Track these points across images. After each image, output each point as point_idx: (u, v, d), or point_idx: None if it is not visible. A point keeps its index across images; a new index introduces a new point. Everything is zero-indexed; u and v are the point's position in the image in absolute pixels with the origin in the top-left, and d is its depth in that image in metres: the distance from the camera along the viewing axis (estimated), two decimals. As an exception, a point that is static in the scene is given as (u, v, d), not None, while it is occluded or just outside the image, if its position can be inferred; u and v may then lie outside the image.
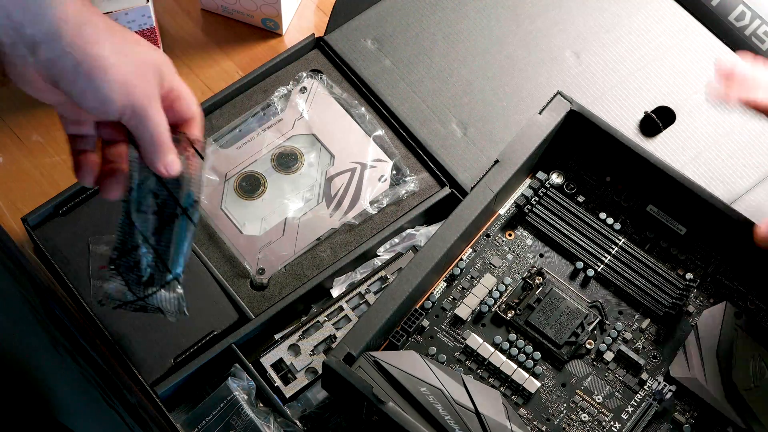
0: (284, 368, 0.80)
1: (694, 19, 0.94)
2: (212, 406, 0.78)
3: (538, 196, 0.85)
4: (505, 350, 0.80)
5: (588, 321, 0.80)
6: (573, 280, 0.82)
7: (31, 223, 0.85)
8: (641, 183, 0.83)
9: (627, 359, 0.80)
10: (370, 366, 0.74)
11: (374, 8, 0.94)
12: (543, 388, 0.79)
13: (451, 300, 0.82)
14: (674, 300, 0.81)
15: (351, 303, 0.83)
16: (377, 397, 0.71)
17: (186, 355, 0.80)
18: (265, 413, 0.78)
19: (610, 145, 0.83)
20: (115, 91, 0.60)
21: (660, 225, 0.83)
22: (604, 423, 0.77)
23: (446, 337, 0.80)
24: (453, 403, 0.72)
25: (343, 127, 0.88)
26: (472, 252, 0.83)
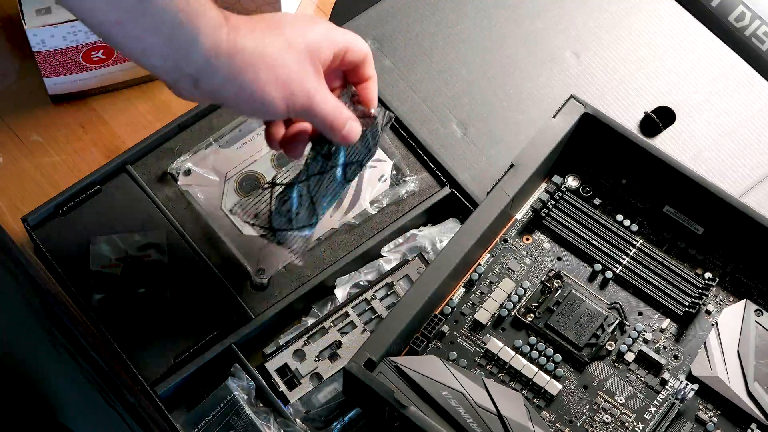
0: (289, 373, 0.76)
1: (694, 19, 0.87)
2: (212, 406, 0.74)
3: (554, 200, 0.79)
4: (526, 353, 0.75)
5: (608, 322, 0.75)
6: (591, 282, 0.78)
7: (31, 223, 0.81)
8: (657, 184, 0.78)
9: (648, 359, 0.74)
10: (391, 371, 0.70)
11: (374, 8, 0.87)
12: (565, 390, 0.74)
13: (471, 305, 0.77)
14: (694, 299, 0.76)
15: (357, 309, 0.78)
16: (399, 402, 0.67)
17: (186, 355, 0.76)
18: (265, 413, 0.74)
19: (625, 147, 0.78)
20: (277, 103, 0.64)
21: (677, 225, 0.78)
22: (627, 423, 0.72)
23: (466, 342, 0.76)
24: (475, 406, 0.69)
25: None
26: (489, 257, 0.79)
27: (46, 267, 0.81)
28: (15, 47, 0.87)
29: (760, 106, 0.83)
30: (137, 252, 0.78)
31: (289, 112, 0.65)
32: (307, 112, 0.66)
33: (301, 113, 0.66)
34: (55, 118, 0.87)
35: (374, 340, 0.71)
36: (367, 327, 0.76)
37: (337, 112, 0.67)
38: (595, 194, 0.81)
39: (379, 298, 0.78)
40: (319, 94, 0.66)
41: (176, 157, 0.82)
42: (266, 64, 0.63)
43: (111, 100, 0.86)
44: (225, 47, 0.62)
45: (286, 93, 0.64)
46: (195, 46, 0.61)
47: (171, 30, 0.60)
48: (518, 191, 0.77)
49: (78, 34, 0.79)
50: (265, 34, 0.64)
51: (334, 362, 0.75)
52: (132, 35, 0.60)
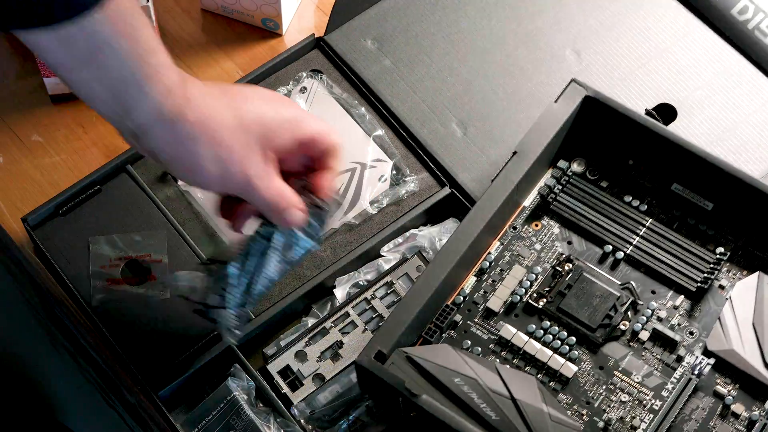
0: (291, 375, 0.76)
1: (694, 17, 0.86)
2: (212, 406, 0.74)
3: (561, 185, 0.78)
4: (540, 338, 0.74)
5: (620, 302, 0.74)
6: (602, 264, 0.77)
7: (31, 223, 0.80)
8: (664, 163, 0.77)
9: (663, 337, 0.73)
10: (403, 362, 0.69)
11: (374, 8, 0.86)
12: (580, 372, 0.73)
13: (482, 294, 0.76)
14: (706, 274, 0.74)
15: (357, 309, 0.78)
16: (410, 391, 0.67)
17: (186, 355, 0.75)
18: (265, 413, 0.74)
19: (629, 128, 0.77)
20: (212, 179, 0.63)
21: (686, 203, 0.76)
22: (645, 401, 0.71)
23: (480, 330, 0.75)
24: (488, 391, 0.68)
25: (343, 127, 0.82)
26: (499, 245, 0.78)
27: (46, 267, 0.81)
28: (15, 47, 0.87)
29: (761, 102, 0.83)
30: (137, 252, 0.78)
31: (225, 190, 0.65)
32: (244, 194, 0.65)
33: (241, 192, 0.65)
34: (55, 118, 0.87)
35: (384, 333, 0.70)
36: (368, 326, 0.76)
37: (277, 198, 0.65)
38: (601, 177, 0.80)
39: (379, 297, 0.78)
40: (259, 179, 0.64)
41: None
42: (207, 138, 0.62)
43: (111, 101, 0.85)
44: (169, 113, 0.60)
45: (223, 171, 0.63)
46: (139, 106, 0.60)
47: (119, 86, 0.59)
48: (523, 177, 0.76)
49: (78, 34, 0.78)
50: (217, 107, 0.63)
51: (336, 362, 0.75)
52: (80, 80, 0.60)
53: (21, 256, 0.77)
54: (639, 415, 0.71)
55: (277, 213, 0.66)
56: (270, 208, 0.65)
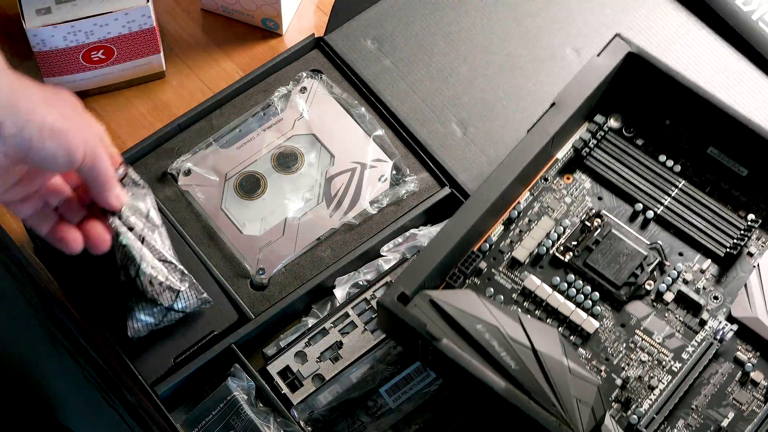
0: (291, 375, 0.76)
1: (694, 16, 0.86)
2: (212, 406, 0.74)
3: (596, 140, 0.77)
4: (563, 291, 0.73)
5: (647, 262, 0.74)
6: (632, 222, 0.76)
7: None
8: (702, 125, 0.76)
9: (687, 300, 0.73)
10: (426, 305, 0.68)
11: (374, 8, 0.86)
12: (602, 328, 0.72)
13: (509, 243, 0.76)
14: (736, 241, 0.74)
15: (357, 309, 0.77)
16: (431, 335, 0.66)
17: (186, 355, 0.75)
18: (265, 413, 0.74)
19: (670, 87, 0.76)
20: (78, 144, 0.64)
21: (721, 167, 0.76)
22: (664, 362, 0.71)
23: (504, 279, 0.75)
24: (509, 340, 0.67)
25: (343, 127, 0.82)
26: (529, 196, 0.77)
27: (46, 267, 0.81)
28: (15, 47, 0.87)
29: (762, 100, 0.83)
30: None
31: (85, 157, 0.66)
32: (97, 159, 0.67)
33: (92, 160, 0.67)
34: (55, 118, 0.87)
35: (408, 274, 0.69)
36: (368, 326, 0.76)
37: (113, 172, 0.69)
38: (637, 135, 0.79)
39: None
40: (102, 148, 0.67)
41: (176, 157, 0.82)
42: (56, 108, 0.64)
43: (111, 100, 0.86)
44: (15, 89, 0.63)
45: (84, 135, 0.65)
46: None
47: None
48: (559, 130, 0.75)
49: (78, 34, 0.79)
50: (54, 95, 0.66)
51: (336, 363, 0.75)
52: None
53: (21, 256, 0.77)
54: (657, 376, 0.71)
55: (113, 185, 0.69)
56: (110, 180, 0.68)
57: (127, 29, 0.81)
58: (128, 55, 0.83)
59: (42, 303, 0.74)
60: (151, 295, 0.70)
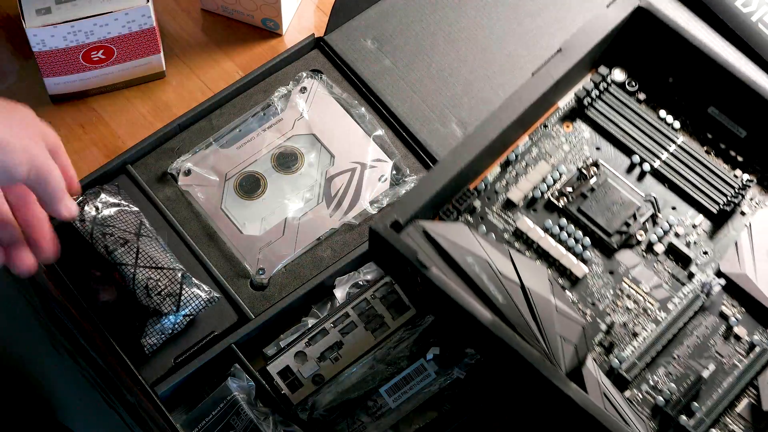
0: (291, 375, 0.77)
1: (694, 15, 0.91)
2: (212, 406, 0.75)
3: (598, 90, 0.81)
4: (555, 235, 0.77)
5: (640, 213, 0.77)
6: (629, 174, 0.79)
7: None
8: (704, 84, 0.80)
9: (677, 252, 0.76)
10: (418, 234, 0.71)
11: (374, 8, 0.90)
12: (590, 273, 0.76)
13: (504, 184, 0.79)
14: (730, 198, 0.78)
15: (357, 309, 0.79)
16: (421, 263, 0.68)
17: (186, 355, 0.77)
18: (265, 413, 0.75)
19: (676, 44, 0.80)
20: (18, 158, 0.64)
21: (720, 127, 0.80)
22: (650, 311, 0.75)
23: (497, 219, 0.78)
24: (499, 274, 0.69)
25: (343, 127, 0.85)
26: (528, 140, 0.81)
27: (46, 267, 0.81)
28: (15, 47, 0.87)
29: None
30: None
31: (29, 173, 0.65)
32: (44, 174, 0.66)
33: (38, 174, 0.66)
34: (55, 118, 0.88)
35: (403, 203, 0.73)
36: (368, 327, 0.76)
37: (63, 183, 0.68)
38: (640, 89, 0.83)
39: (379, 298, 0.78)
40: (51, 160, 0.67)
41: (176, 157, 0.83)
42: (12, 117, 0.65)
43: (111, 100, 0.87)
44: None
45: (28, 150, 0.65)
46: None
47: None
48: (563, 76, 0.78)
49: (78, 34, 0.80)
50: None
51: (336, 363, 0.75)
52: None
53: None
54: (642, 324, 0.75)
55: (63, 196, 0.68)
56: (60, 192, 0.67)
57: (127, 29, 0.81)
58: (128, 55, 0.83)
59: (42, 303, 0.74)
60: (154, 307, 0.70)
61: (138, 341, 0.76)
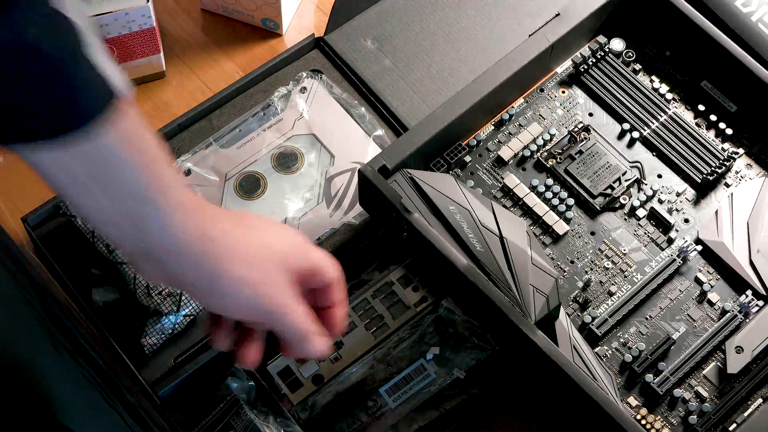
0: (291, 376, 0.79)
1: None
2: (212, 406, 0.78)
3: (595, 58, 0.87)
4: (541, 193, 0.82)
5: (626, 177, 0.82)
6: (619, 140, 0.84)
7: (31, 223, 0.84)
8: (699, 58, 0.86)
9: (659, 218, 0.81)
10: (405, 182, 0.76)
11: (374, 8, 0.94)
12: (572, 232, 0.81)
13: (497, 142, 0.84)
14: (714, 169, 0.83)
15: (357, 309, 0.81)
16: (405, 208, 0.73)
17: (186, 356, 0.80)
18: (265, 413, 0.78)
19: (674, 18, 0.85)
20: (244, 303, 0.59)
21: (712, 100, 0.84)
22: (627, 272, 0.80)
23: (486, 175, 0.83)
24: (479, 224, 0.74)
25: (343, 127, 0.88)
26: (524, 102, 0.86)
27: (46, 267, 0.81)
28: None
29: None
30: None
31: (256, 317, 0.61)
32: (277, 319, 0.61)
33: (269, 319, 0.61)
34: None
35: (392, 149, 0.78)
36: (368, 326, 0.76)
37: (307, 325, 0.62)
38: (636, 60, 0.89)
39: (379, 298, 0.78)
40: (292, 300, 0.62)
41: (176, 157, 0.83)
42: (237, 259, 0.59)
43: (111, 100, 0.86)
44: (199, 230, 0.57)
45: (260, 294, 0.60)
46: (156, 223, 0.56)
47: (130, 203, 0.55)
48: (559, 40, 0.85)
49: (78, 34, 0.79)
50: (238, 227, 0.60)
51: (336, 363, 0.76)
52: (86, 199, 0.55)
53: (21, 256, 0.77)
54: (618, 283, 0.81)
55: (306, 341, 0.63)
56: (298, 337, 0.62)
57: (127, 29, 0.82)
58: (128, 55, 0.84)
59: (42, 303, 0.75)
60: (154, 307, 0.70)
61: (138, 341, 0.77)
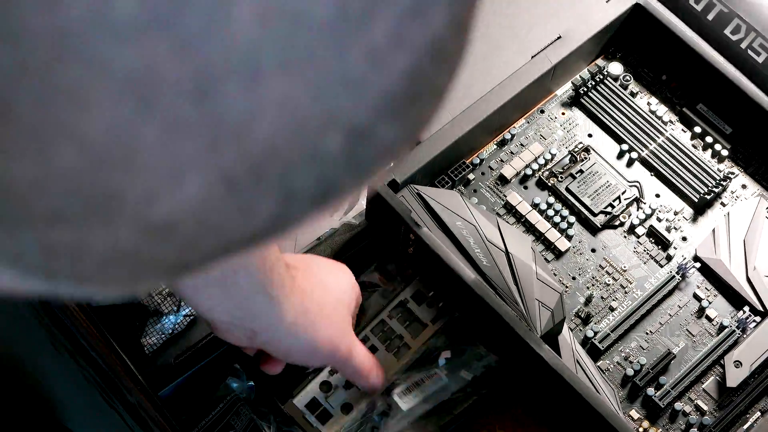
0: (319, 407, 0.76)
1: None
2: (212, 406, 0.78)
3: (594, 81, 0.89)
4: (543, 211, 0.85)
5: (625, 196, 0.84)
6: (618, 160, 0.86)
7: None
8: (695, 82, 0.88)
9: (657, 236, 0.84)
10: (413, 197, 0.78)
11: None
12: (573, 249, 0.83)
13: (499, 161, 0.87)
14: (711, 188, 0.85)
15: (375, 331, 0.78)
16: (414, 222, 0.75)
17: (186, 356, 0.80)
18: (265, 413, 0.78)
19: (670, 42, 0.87)
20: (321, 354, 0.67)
21: (708, 123, 0.86)
22: (627, 288, 0.82)
23: (489, 193, 0.85)
24: (485, 240, 0.76)
25: None
26: (525, 123, 0.89)
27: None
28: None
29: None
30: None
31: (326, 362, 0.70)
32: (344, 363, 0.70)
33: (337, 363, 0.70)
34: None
35: (401, 165, 0.80)
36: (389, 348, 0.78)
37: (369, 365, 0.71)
38: (634, 81, 0.92)
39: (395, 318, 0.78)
40: (356, 343, 0.71)
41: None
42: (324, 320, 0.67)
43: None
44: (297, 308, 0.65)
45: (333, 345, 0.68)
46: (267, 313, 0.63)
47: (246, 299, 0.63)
48: (560, 62, 0.87)
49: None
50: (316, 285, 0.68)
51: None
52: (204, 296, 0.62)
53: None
54: (619, 299, 0.83)
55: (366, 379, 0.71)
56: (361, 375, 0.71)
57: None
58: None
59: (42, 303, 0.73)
60: (154, 307, 0.70)
61: (138, 341, 0.76)
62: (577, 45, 0.86)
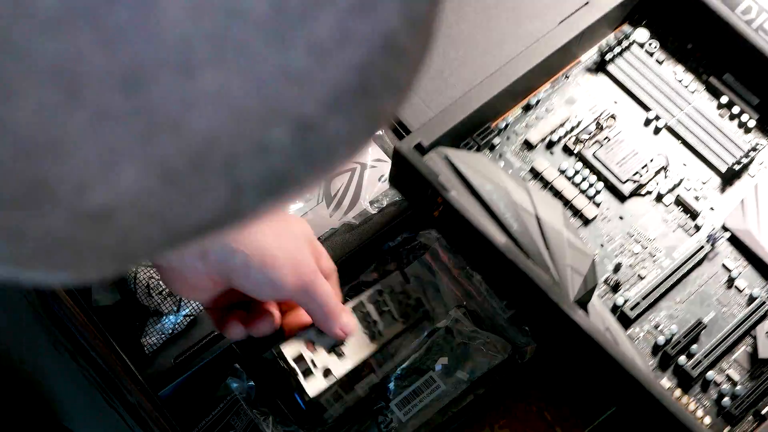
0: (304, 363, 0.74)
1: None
2: (212, 406, 0.78)
3: (621, 47, 0.87)
4: (570, 177, 0.83)
5: (652, 164, 0.82)
6: (645, 127, 0.85)
7: None
8: (722, 52, 0.86)
9: (685, 205, 0.82)
10: (440, 159, 0.75)
11: None
12: (600, 216, 0.82)
13: (524, 126, 0.85)
14: (738, 159, 0.83)
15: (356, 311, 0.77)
16: (442, 185, 0.73)
17: (186, 356, 0.80)
18: (265, 413, 0.77)
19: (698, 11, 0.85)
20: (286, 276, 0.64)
21: (734, 93, 0.84)
22: (656, 257, 0.81)
23: (514, 158, 0.84)
24: (515, 203, 0.74)
25: None
26: (550, 88, 0.87)
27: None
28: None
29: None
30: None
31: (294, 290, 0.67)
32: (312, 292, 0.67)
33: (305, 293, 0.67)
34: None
35: (427, 128, 0.78)
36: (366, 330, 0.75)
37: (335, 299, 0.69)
38: (660, 50, 0.89)
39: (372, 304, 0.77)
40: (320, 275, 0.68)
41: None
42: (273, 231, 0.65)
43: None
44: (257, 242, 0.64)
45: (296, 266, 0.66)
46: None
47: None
48: (587, 28, 0.85)
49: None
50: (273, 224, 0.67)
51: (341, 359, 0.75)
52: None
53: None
54: (647, 268, 0.82)
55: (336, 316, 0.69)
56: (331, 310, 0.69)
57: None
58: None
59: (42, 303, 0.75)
60: (154, 307, 0.70)
61: (138, 341, 0.76)
62: (606, 11, 0.83)
